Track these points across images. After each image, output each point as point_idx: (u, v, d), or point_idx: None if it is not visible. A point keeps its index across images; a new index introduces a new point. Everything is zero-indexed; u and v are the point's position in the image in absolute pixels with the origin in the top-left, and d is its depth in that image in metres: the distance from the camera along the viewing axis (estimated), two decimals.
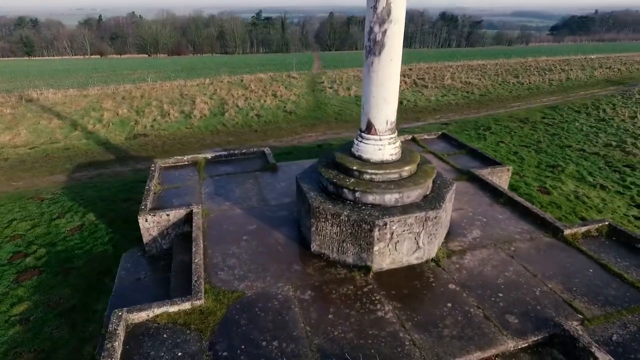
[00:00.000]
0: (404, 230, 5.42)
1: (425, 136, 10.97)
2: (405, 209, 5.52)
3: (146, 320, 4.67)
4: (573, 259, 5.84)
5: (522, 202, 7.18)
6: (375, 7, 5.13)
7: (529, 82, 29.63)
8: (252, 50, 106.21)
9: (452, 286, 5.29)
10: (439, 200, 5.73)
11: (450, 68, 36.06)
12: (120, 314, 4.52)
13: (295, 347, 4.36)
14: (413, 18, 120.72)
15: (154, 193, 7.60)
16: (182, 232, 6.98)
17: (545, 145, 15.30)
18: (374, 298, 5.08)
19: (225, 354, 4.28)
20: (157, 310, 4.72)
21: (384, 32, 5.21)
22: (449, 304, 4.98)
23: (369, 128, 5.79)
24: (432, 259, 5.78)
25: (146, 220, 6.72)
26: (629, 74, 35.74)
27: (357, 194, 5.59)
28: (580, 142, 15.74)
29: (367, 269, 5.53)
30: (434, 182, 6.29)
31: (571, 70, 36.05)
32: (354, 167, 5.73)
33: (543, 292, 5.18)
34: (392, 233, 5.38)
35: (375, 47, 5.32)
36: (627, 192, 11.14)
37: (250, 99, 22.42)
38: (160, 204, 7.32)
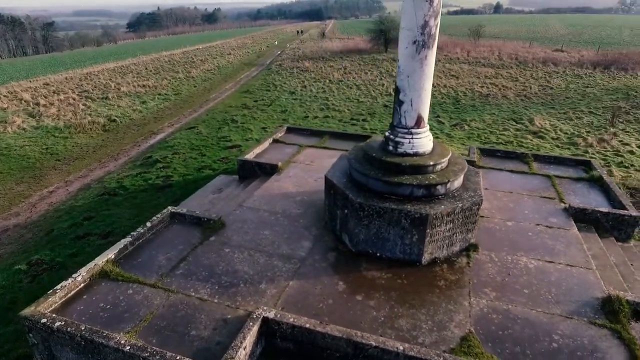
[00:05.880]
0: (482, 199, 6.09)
1: (279, 134, 10.72)
2: (471, 181, 6.15)
3: None
4: (508, 175, 8.38)
5: None
6: (432, 1, 5.05)
7: (195, 76, 31.29)
8: None
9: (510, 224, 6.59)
10: (471, 169, 6.66)
11: (98, 75, 32.21)
12: None
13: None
14: None
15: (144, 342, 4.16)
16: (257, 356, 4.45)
17: (293, 120, 17.78)
18: (518, 263, 5.64)
19: None
20: None
21: (437, 25, 5.25)
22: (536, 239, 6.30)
23: (419, 122, 5.74)
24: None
25: None
26: (248, 56, 44.09)
27: (448, 185, 5.64)
28: (307, 111, 19.22)
29: (474, 246, 5.88)
30: None
31: (207, 60, 40.47)
32: (430, 163, 5.63)
33: (548, 199, 7.36)
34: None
35: (429, 41, 5.27)
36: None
37: None
38: (196, 347, 4.22)
